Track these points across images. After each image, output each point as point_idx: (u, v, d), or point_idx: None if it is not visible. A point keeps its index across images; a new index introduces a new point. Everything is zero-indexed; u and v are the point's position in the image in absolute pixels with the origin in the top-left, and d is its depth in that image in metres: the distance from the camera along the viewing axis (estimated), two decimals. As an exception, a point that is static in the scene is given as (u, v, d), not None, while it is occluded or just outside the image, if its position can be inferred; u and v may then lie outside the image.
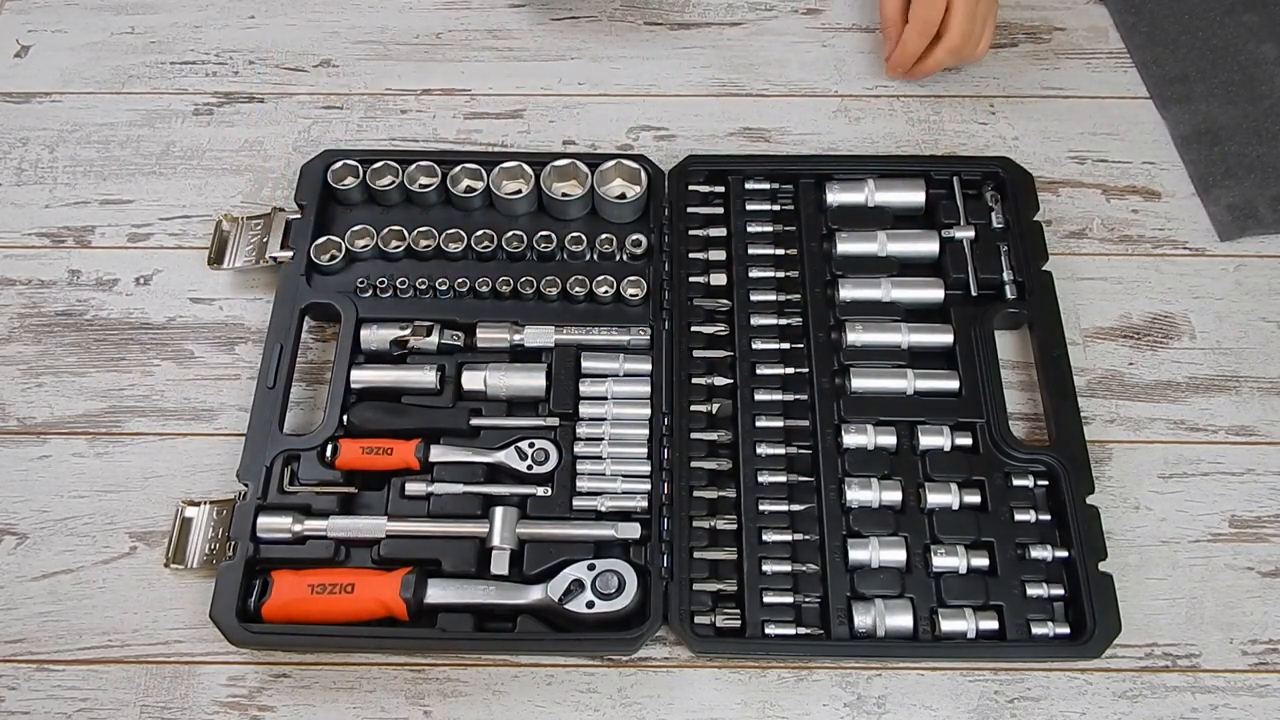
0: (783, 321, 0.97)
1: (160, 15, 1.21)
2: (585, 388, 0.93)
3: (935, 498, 0.89)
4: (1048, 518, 0.88)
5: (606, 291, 0.97)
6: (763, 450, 0.90)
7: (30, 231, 1.06)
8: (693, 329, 0.96)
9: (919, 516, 0.88)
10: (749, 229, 1.01)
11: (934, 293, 0.98)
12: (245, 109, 1.14)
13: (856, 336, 0.96)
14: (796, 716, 0.83)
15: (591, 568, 0.84)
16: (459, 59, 1.18)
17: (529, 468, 0.89)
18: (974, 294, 0.98)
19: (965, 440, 0.91)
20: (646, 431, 0.91)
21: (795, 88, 1.16)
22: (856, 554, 0.86)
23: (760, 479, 0.89)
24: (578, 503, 0.88)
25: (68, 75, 1.17)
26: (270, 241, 1.00)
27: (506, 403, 0.93)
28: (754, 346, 0.95)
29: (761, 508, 0.88)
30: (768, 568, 0.86)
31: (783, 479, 0.89)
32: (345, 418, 0.91)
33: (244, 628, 0.81)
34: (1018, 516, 0.88)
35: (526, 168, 1.03)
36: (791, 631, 0.84)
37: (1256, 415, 0.96)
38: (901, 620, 0.84)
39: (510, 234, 1.00)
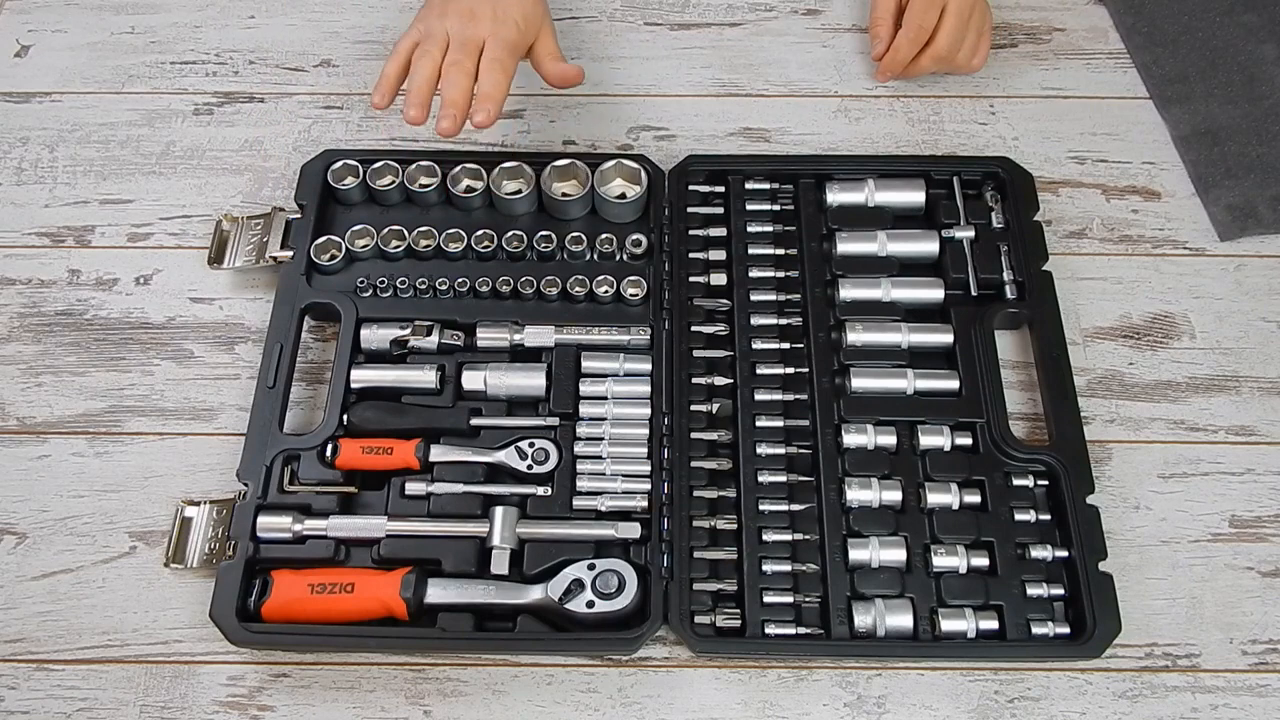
0: (783, 321, 0.97)
1: (160, 15, 1.21)
2: (585, 387, 0.93)
3: (935, 497, 0.89)
4: (1048, 517, 0.88)
5: (606, 291, 0.97)
6: (763, 450, 0.90)
7: (30, 231, 1.06)
8: (693, 329, 0.96)
9: (919, 516, 0.88)
10: (749, 229, 1.01)
11: (934, 293, 0.98)
12: (245, 109, 1.14)
13: (856, 336, 0.96)
14: (796, 716, 0.83)
15: (591, 567, 0.84)
16: (459, 59, 1.18)
17: (529, 467, 0.89)
18: (974, 294, 0.98)
19: (965, 440, 0.91)
20: (646, 431, 0.91)
21: (795, 88, 1.16)
22: (856, 554, 0.86)
23: (760, 479, 0.89)
24: (578, 502, 0.88)
25: (68, 75, 1.17)
26: (270, 241, 1.00)
27: (506, 403, 0.93)
28: (754, 346, 0.95)
29: (761, 507, 0.88)
30: (768, 567, 0.86)
31: (783, 479, 0.89)
32: (345, 417, 0.91)
33: (244, 627, 0.81)
34: (1018, 516, 0.88)
35: (526, 168, 1.03)
36: (791, 631, 0.84)
37: (1256, 415, 0.96)
38: (901, 620, 0.84)
39: (510, 234, 1.00)
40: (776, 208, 1.03)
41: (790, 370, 0.94)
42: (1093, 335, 1.01)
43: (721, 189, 1.04)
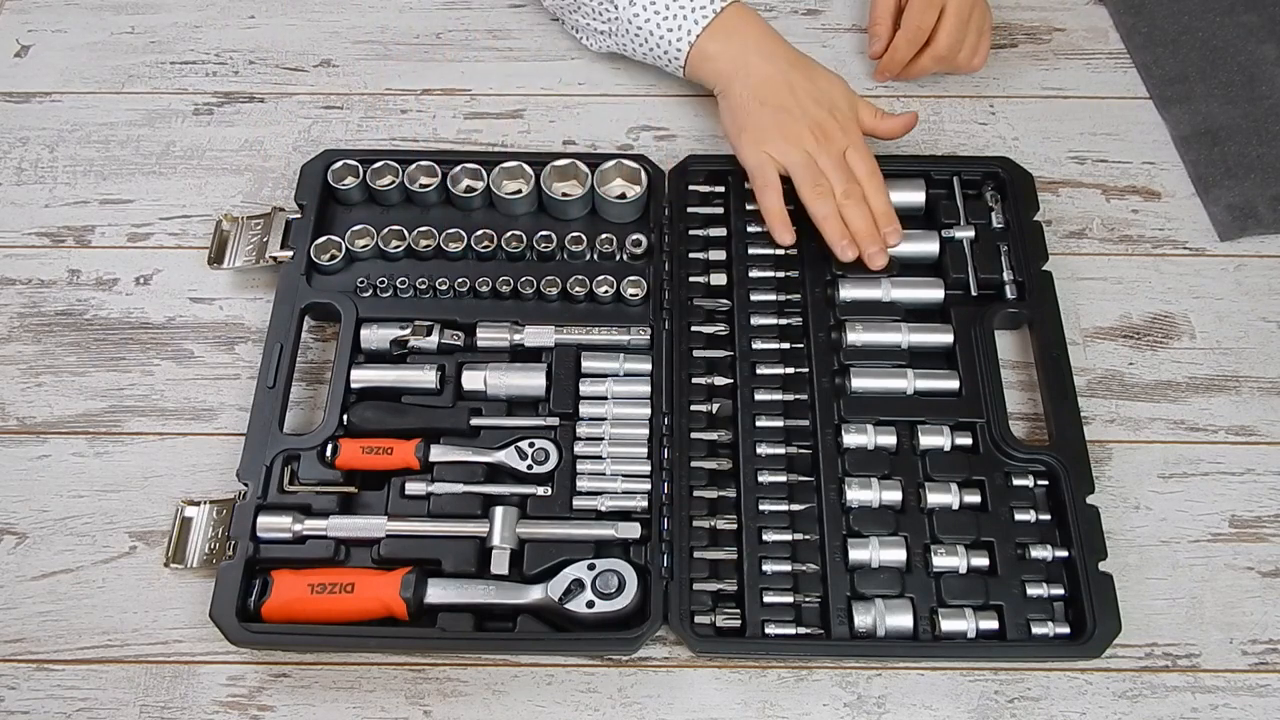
0: (783, 321, 0.97)
1: (160, 15, 1.21)
2: (585, 387, 0.93)
3: (935, 497, 0.89)
4: (1048, 517, 0.88)
5: (606, 291, 0.97)
6: (763, 450, 0.90)
7: (30, 231, 1.06)
8: (693, 329, 0.96)
9: (919, 516, 0.88)
10: (749, 229, 1.01)
11: (934, 293, 0.98)
12: (245, 109, 1.14)
13: (856, 336, 0.96)
14: (796, 716, 0.83)
15: (591, 567, 0.84)
16: (459, 59, 1.18)
17: (529, 467, 0.89)
18: (974, 294, 0.98)
19: (965, 440, 0.91)
20: (646, 431, 0.91)
21: (795, 88, 1.16)
22: (856, 554, 0.86)
23: (760, 479, 0.89)
24: (578, 502, 0.88)
25: (68, 75, 1.17)
26: (270, 241, 1.00)
27: (506, 403, 0.93)
28: (754, 346, 0.95)
29: (761, 507, 0.88)
30: (768, 567, 0.86)
31: (783, 479, 0.89)
32: (345, 417, 0.91)
33: (244, 627, 0.81)
34: (1018, 516, 0.88)
35: (526, 168, 1.02)
36: (791, 631, 0.84)
37: (1256, 415, 0.96)
38: (901, 620, 0.84)
39: (510, 234, 1.00)
40: (776, 208, 1.03)
41: (790, 370, 0.94)
42: (1093, 335, 1.01)
43: (721, 189, 1.04)
